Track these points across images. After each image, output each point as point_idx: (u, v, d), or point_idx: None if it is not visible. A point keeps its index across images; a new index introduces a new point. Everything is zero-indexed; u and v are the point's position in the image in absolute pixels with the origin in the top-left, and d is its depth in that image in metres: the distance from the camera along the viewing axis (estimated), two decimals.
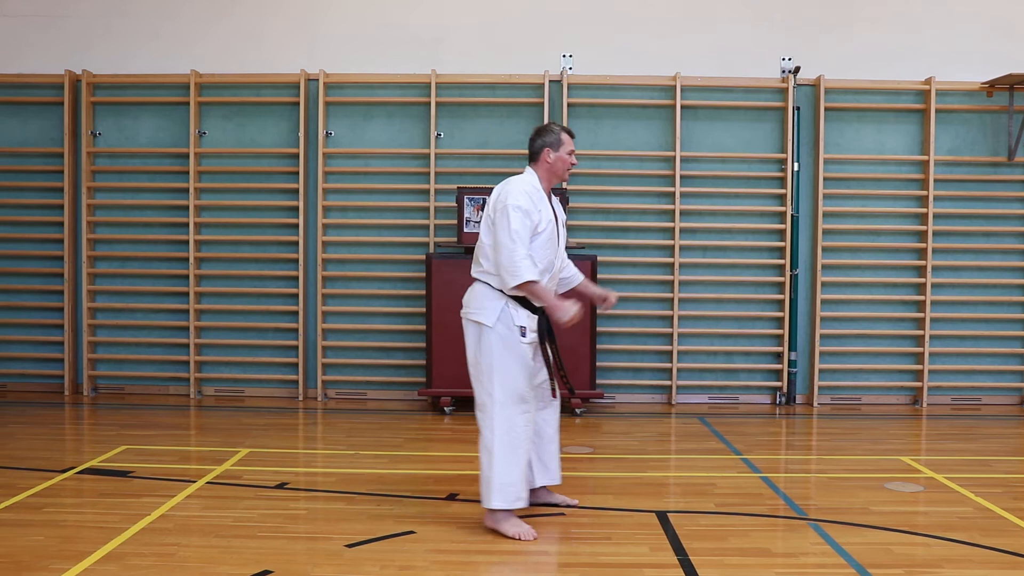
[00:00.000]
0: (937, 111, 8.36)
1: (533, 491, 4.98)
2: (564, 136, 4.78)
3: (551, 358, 4.75)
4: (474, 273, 4.75)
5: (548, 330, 4.71)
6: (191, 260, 8.37)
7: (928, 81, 8.35)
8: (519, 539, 4.48)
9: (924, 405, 8.41)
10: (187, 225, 8.39)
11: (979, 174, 8.50)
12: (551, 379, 4.85)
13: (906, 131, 8.49)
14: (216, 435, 6.99)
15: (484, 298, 4.64)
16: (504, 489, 4.52)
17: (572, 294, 4.90)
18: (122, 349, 8.59)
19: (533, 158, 4.81)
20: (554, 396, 4.91)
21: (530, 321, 4.65)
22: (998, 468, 6.20)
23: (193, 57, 8.41)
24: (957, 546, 4.49)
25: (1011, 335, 8.56)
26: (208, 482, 5.48)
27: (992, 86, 8.32)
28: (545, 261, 4.63)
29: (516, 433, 4.57)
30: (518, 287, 4.50)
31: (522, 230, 4.50)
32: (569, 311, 4.50)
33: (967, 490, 5.49)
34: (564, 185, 8.17)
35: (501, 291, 4.59)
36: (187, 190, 8.37)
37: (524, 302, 4.63)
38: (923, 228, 8.40)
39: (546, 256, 4.65)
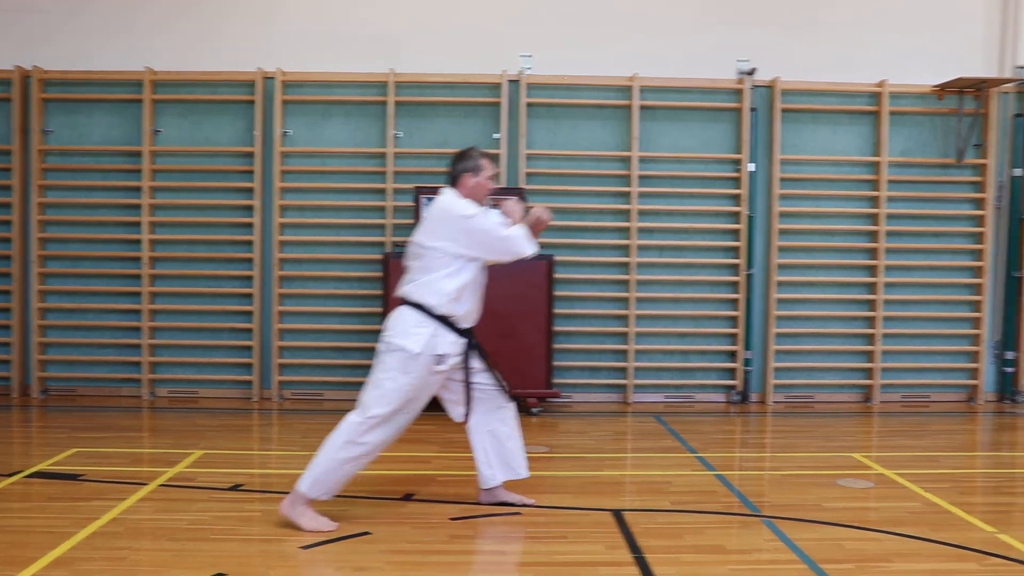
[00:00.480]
0: (890, 113, 8.49)
1: (489, 490, 5.00)
2: (484, 162, 4.90)
3: (487, 364, 4.95)
4: (407, 293, 4.76)
5: (476, 344, 4.89)
6: (144, 260, 8.27)
7: (881, 84, 8.47)
8: (317, 531, 4.55)
9: (875, 403, 8.53)
10: (140, 224, 8.29)
11: (930, 175, 8.64)
12: (500, 383, 5.01)
13: (859, 132, 8.61)
14: (169, 437, 6.92)
15: (413, 323, 4.67)
16: (319, 481, 4.62)
17: None
18: (73, 350, 8.47)
19: (453, 182, 4.92)
20: (510, 398, 5.06)
21: (452, 347, 4.72)
22: (946, 464, 6.30)
23: (148, 54, 8.30)
24: (907, 540, 4.56)
25: (959, 333, 8.71)
26: (161, 484, 5.42)
27: (942, 89, 8.46)
28: (480, 285, 4.87)
29: (361, 448, 4.65)
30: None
31: (496, 217, 4.74)
32: (540, 211, 4.86)
33: (916, 486, 5.57)
34: (521, 184, 8.19)
35: (431, 315, 4.66)
36: (140, 189, 8.27)
37: (450, 326, 4.70)
38: (875, 228, 8.52)
39: (481, 281, 4.87)
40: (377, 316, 8.14)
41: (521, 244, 4.74)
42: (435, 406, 7.94)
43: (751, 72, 8.39)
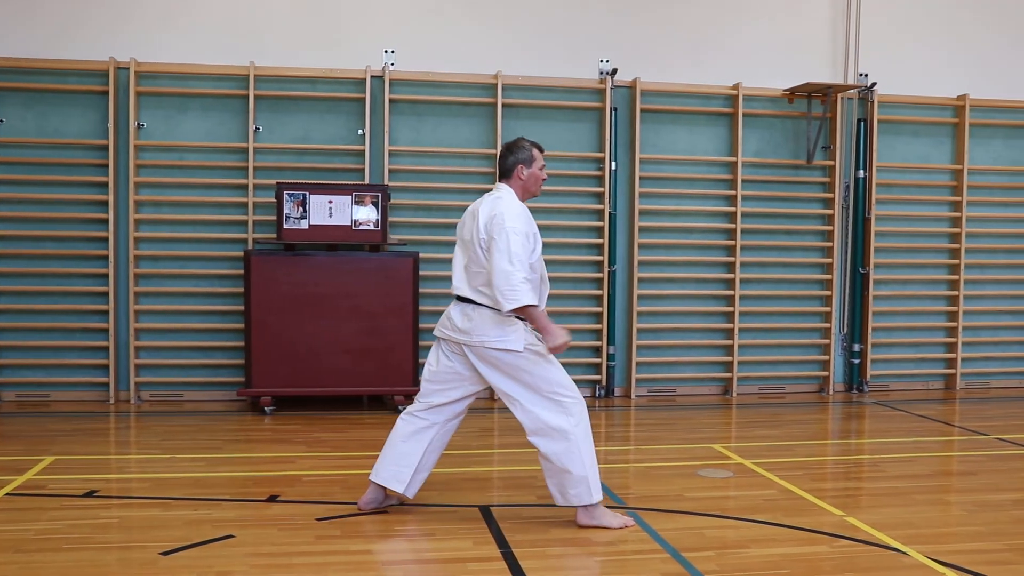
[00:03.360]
0: (744, 115, 8.79)
1: (379, 487, 4.89)
2: (535, 152, 4.76)
3: None
4: (477, 297, 4.62)
5: None
6: None
7: (736, 87, 8.76)
8: (624, 528, 4.60)
9: (734, 395, 8.83)
10: None
11: (782, 175, 8.99)
12: None
13: (716, 133, 8.89)
14: (17, 443, 6.57)
15: (501, 324, 4.56)
16: (596, 481, 4.57)
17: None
18: None
19: (505, 175, 4.76)
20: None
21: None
22: (799, 452, 6.57)
23: None
24: (763, 527, 4.74)
25: (811, 327, 9.10)
26: (7, 493, 5.16)
27: (792, 93, 8.81)
28: (536, 276, 4.60)
29: (585, 423, 4.59)
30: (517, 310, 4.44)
31: (522, 254, 4.45)
32: (561, 336, 4.50)
33: (772, 474, 5.80)
34: (385, 181, 8.14)
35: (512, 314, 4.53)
36: None
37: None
38: (732, 226, 8.81)
39: (537, 271, 4.63)
40: (239, 314, 7.96)
41: (514, 295, 4.40)
42: (305, 405, 7.83)
43: (613, 72, 8.55)
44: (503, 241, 4.44)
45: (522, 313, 4.50)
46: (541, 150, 4.82)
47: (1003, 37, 9.34)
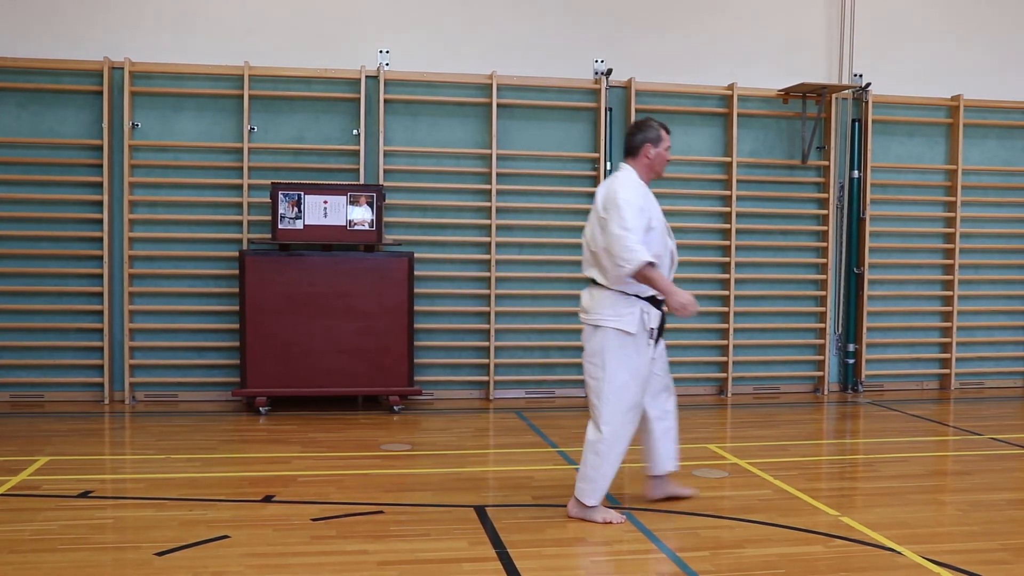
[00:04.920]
0: (739, 115, 8.80)
1: (655, 479, 5.09)
2: (663, 132, 4.81)
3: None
4: (597, 276, 4.68)
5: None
6: None
7: (731, 87, 8.77)
8: (611, 523, 4.69)
9: (729, 395, 8.84)
10: None
11: (776, 175, 9.00)
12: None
13: (711, 134, 8.89)
14: (11, 443, 6.55)
15: (619, 304, 4.60)
16: (598, 489, 4.70)
17: None
18: None
19: (631, 153, 4.80)
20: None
21: (658, 320, 4.68)
22: (794, 452, 6.58)
23: None
24: (758, 527, 4.74)
25: (806, 327, 9.11)
26: (2, 494, 5.15)
27: (787, 94, 8.82)
28: (657, 259, 4.55)
29: (621, 438, 4.68)
30: (635, 274, 4.45)
31: (636, 222, 4.48)
32: (684, 295, 4.51)
33: (767, 474, 5.80)
34: (380, 181, 8.14)
35: (636, 296, 4.58)
36: None
37: (653, 301, 4.64)
38: (727, 226, 8.82)
39: (658, 254, 4.59)
40: (234, 315, 7.95)
41: (631, 255, 4.40)
42: (300, 405, 7.83)
43: (607, 73, 8.55)
44: (615, 212, 4.50)
45: (642, 275, 4.47)
46: (668, 131, 4.87)
47: (996, 38, 9.36)
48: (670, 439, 5.07)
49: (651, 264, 4.46)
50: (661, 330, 4.78)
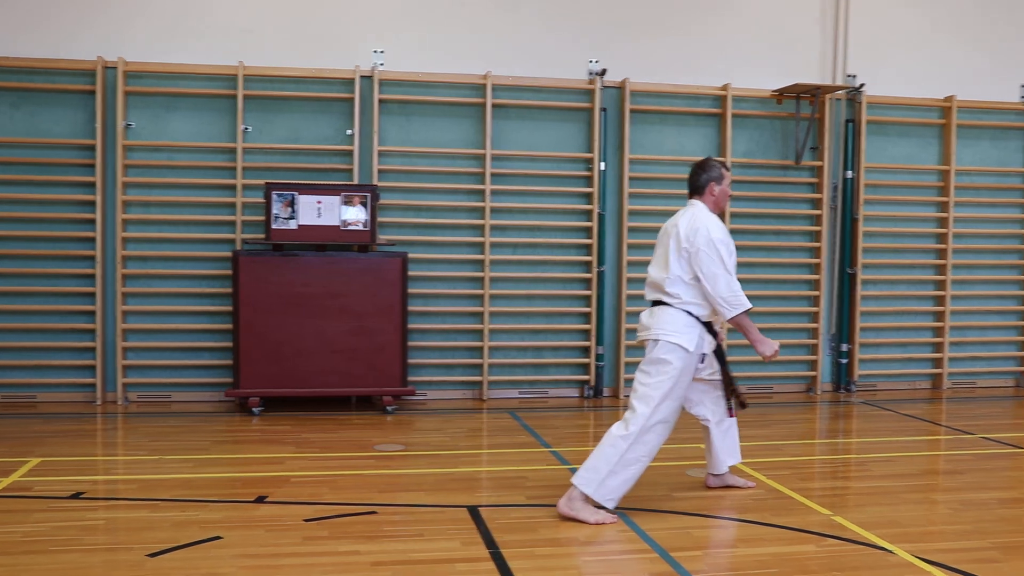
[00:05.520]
0: (733, 116, 8.82)
1: (717, 476, 5.46)
2: (724, 171, 5.15)
3: (728, 377, 5.14)
4: (666, 299, 4.99)
5: (719, 350, 5.06)
6: None
7: (725, 87, 8.78)
8: (603, 524, 4.74)
9: None
10: None
11: (770, 176, 9.01)
12: (727, 398, 5.24)
13: (705, 134, 8.91)
14: (3, 444, 6.53)
15: (683, 324, 4.90)
16: (609, 488, 4.78)
17: None
18: None
19: (698, 192, 5.15)
20: (731, 415, 5.34)
21: (710, 347, 5.01)
22: (787, 452, 6.60)
23: None
24: (750, 526, 4.76)
25: (799, 327, 9.13)
26: None
27: (781, 94, 8.84)
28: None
29: (646, 448, 4.85)
30: (733, 318, 4.87)
31: (731, 263, 4.91)
32: (773, 345, 5.01)
33: (760, 473, 5.81)
34: (374, 182, 8.14)
35: (697, 319, 4.93)
36: None
37: (709, 328, 4.98)
38: None
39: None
40: (227, 315, 7.95)
41: (737, 301, 4.89)
42: (293, 406, 7.82)
43: (602, 73, 8.56)
44: (715, 252, 4.87)
45: (737, 321, 4.91)
46: (728, 168, 5.20)
47: (989, 39, 9.38)
48: (731, 436, 5.44)
49: (747, 311, 4.90)
50: (719, 356, 5.10)
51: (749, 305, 4.89)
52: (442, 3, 8.51)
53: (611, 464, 4.78)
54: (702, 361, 4.97)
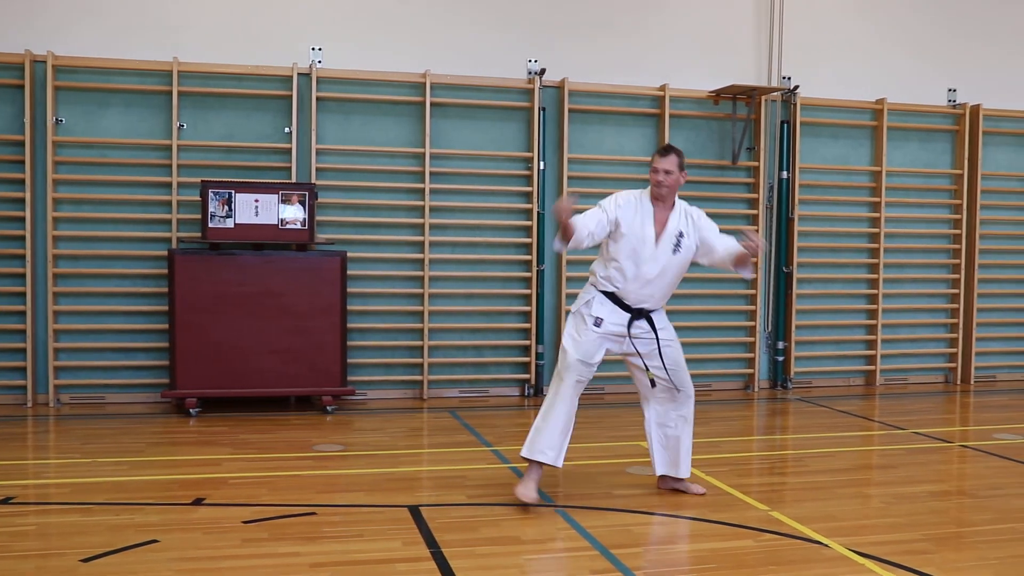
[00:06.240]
0: (671, 116, 8.90)
1: (661, 478, 5.42)
2: (654, 155, 5.42)
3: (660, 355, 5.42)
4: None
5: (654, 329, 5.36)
6: None
7: (663, 88, 8.86)
8: (521, 499, 4.95)
9: None
10: None
11: (707, 176, 9.12)
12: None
13: (643, 134, 8.98)
14: None
15: (583, 292, 5.40)
16: (536, 442, 5.09)
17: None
18: None
19: None
20: (652, 386, 5.52)
21: (612, 315, 5.20)
22: (725, 448, 6.68)
23: None
24: (690, 522, 4.81)
25: (736, 325, 9.25)
26: None
27: (718, 95, 8.94)
28: (629, 269, 5.26)
29: (560, 396, 5.15)
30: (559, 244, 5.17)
31: (591, 214, 5.18)
32: (560, 203, 4.99)
33: (699, 470, 5.87)
34: (312, 180, 8.07)
35: (594, 286, 5.34)
36: None
37: (616, 301, 5.23)
38: None
39: (629, 265, 5.26)
40: (163, 315, 7.82)
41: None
42: (231, 406, 7.72)
43: (541, 73, 8.58)
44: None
45: (563, 238, 5.15)
46: (660, 155, 5.41)
47: (919, 42, 9.60)
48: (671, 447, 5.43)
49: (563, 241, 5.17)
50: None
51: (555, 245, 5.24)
52: (382, 1, 8.46)
53: (541, 419, 5.19)
54: (596, 325, 5.17)
